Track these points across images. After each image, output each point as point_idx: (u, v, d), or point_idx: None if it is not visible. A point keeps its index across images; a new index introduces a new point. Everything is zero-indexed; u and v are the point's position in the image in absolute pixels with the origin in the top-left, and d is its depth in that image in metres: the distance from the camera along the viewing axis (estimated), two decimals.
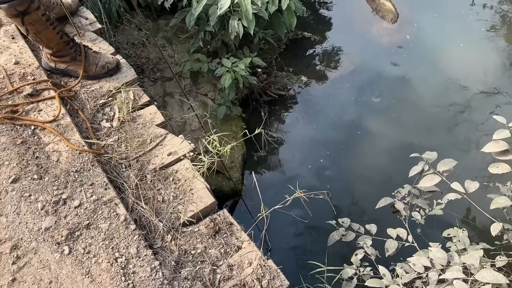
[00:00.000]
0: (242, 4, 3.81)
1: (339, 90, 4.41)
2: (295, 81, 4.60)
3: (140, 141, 1.99)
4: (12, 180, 1.76)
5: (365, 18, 4.87)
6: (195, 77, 4.29)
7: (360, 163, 3.72)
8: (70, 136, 1.91)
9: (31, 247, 1.61)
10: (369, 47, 4.63)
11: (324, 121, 4.16)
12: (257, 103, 4.47)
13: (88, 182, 1.78)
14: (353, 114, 4.12)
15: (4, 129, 1.92)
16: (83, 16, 2.48)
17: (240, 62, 4.00)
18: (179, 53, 4.58)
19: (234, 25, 3.88)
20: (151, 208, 1.77)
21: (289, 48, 4.83)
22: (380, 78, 4.36)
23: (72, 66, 2.15)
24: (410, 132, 3.89)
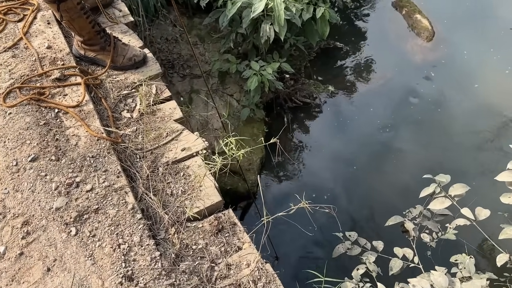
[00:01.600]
0: (276, 10, 3.84)
1: (365, 104, 4.37)
2: (321, 90, 4.59)
3: (156, 134, 2.04)
4: (31, 159, 1.85)
5: (400, 33, 4.82)
6: (223, 77, 4.35)
7: (377, 178, 3.69)
8: (90, 123, 1.98)
9: (41, 225, 1.68)
10: (401, 63, 4.58)
11: (346, 134, 4.14)
12: (281, 108, 4.49)
13: (102, 168, 1.84)
14: (376, 130, 4.08)
15: (30, 109, 2.01)
16: (117, 8, 2.57)
17: (268, 66, 4.03)
18: (210, 52, 4.66)
19: (266, 29, 3.92)
20: (159, 200, 1.81)
21: (320, 56, 4.83)
22: (409, 95, 4.30)
23: (101, 55, 2.23)
24: (431, 152, 3.83)
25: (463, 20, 4.82)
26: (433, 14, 4.83)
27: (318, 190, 3.76)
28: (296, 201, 1.94)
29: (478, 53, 4.50)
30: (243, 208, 3.85)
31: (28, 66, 2.18)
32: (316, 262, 2.94)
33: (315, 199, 3.71)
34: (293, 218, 1.89)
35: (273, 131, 4.32)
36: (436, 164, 3.71)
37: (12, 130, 1.94)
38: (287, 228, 2.05)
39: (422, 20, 4.69)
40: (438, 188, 1.91)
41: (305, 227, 2.43)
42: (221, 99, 4.37)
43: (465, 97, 4.19)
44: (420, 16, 4.73)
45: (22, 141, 1.90)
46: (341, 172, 3.84)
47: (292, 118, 4.42)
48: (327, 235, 3.03)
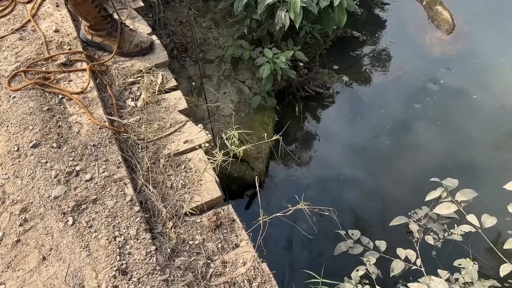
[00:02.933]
0: None
1: (379, 96, 4.26)
2: (336, 80, 4.48)
3: (160, 124, 2.00)
4: (32, 145, 1.83)
5: (419, 24, 4.65)
6: (236, 63, 4.27)
7: (387, 176, 3.60)
8: (94, 110, 1.95)
9: (39, 213, 1.67)
10: (419, 56, 4.42)
11: (358, 126, 4.04)
12: (293, 97, 4.40)
13: (103, 158, 1.81)
14: (390, 124, 3.97)
15: (34, 94, 1.98)
16: None
17: (282, 54, 3.94)
18: (224, 36, 4.57)
19: (281, 16, 3.81)
20: (159, 193, 1.78)
21: (336, 45, 4.70)
22: (425, 89, 4.16)
23: (108, 41, 2.18)
24: (446, 149, 3.71)
25: (486, 14, 4.61)
26: (455, 6, 4.63)
27: (325, 182, 3.69)
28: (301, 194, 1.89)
29: (499, 49, 4.31)
30: (249, 196, 3.82)
31: (34, 50, 2.14)
32: (316, 262, 2.90)
33: (321, 192, 3.66)
34: (295, 215, 1.84)
35: (284, 120, 4.25)
36: (450, 161, 3.60)
37: (16, 115, 1.92)
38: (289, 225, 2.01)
39: (442, 12, 4.51)
40: (444, 193, 1.84)
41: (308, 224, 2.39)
42: (233, 85, 4.30)
43: (483, 93, 4.04)
44: (441, 7, 4.55)
45: (25, 127, 1.88)
46: (351, 166, 3.76)
47: (303, 107, 4.33)
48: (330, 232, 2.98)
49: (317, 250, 3.08)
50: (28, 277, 1.54)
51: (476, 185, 2.29)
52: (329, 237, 2.92)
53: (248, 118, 4.13)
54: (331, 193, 3.61)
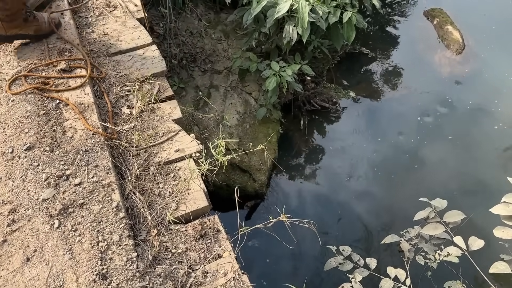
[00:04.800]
0: (300, 11, 3.76)
1: (385, 113, 4.24)
2: (342, 95, 4.48)
3: (153, 132, 2.03)
4: (26, 148, 1.87)
5: (429, 43, 4.63)
6: (243, 75, 4.31)
7: (387, 192, 3.56)
8: (89, 116, 1.99)
9: (27, 214, 1.70)
10: (428, 74, 4.39)
11: (362, 143, 4.02)
12: (299, 110, 4.41)
13: (93, 163, 1.84)
14: (396, 140, 3.94)
15: (32, 98, 2.04)
16: (132, 2, 2.57)
17: (288, 67, 3.97)
18: (233, 48, 4.62)
19: (288, 30, 3.84)
20: (146, 200, 1.80)
21: (344, 61, 4.71)
22: (432, 108, 4.12)
23: (24, 28, 2.15)
24: (450, 169, 3.66)
25: (496, 35, 4.56)
26: (466, 26, 4.60)
27: (325, 196, 3.68)
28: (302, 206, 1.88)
29: (510, 70, 4.26)
30: (249, 207, 3.82)
31: (36, 55, 2.20)
32: (301, 276, 2.87)
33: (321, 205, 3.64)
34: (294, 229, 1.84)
35: (289, 133, 4.26)
36: (454, 180, 3.55)
37: (13, 118, 1.97)
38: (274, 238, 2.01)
39: (453, 32, 4.48)
40: (432, 213, 1.81)
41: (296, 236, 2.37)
42: (239, 97, 4.33)
43: (492, 114, 3.98)
44: (452, 27, 4.52)
45: (21, 129, 1.93)
46: (352, 181, 3.73)
47: (309, 121, 4.33)
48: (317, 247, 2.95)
49: (304, 264, 3.05)
50: (11, 277, 1.57)
51: (483, 204, 2.25)
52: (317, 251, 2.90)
53: (253, 130, 4.15)
54: (330, 206, 3.59)
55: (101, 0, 2.55)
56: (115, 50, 2.30)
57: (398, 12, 5.06)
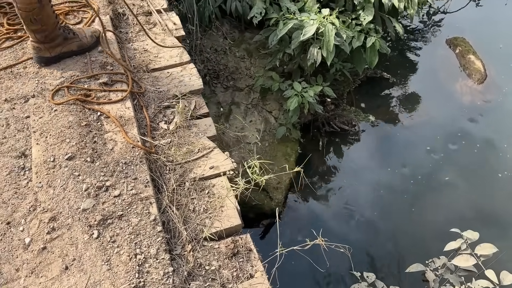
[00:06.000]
0: (326, 35, 3.83)
1: (404, 139, 4.26)
2: (362, 118, 4.52)
3: (189, 148, 2.07)
4: (68, 157, 1.92)
5: (450, 71, 4.67)
6: (264, 93, 4.37)
7: (407, 219, 3.56)
8: (129, 130, 2.04)
9: (67, 223, 1.74)
10: (448, 103, 4.43)
11: (381, 167, 4.03)
12: (318, 131, 4.45)
13: (132, 176, 1.89)
14: (413, 167, 3.95)
15: (74, 109, 2.10)
16: (171, 20, 2.64)
17: (310, 88, 4.02)
18: (256, 67, 4.69)
19: (313, 52, 3.91)
20: (181, 215, 1.83)
21: (364, 84, 4.76)
22: (452, 136, 4.14)
23: (66, 45, 2.23)
24: (468, 200, 3.66)
25: None
26: (488, 56, 4.65)
27: (343, 218, 3.68)
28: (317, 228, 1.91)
29: None
30: (265, 226, 3.83)
31: (79, 67, 2.27)
32: None
33: (338, 228, 3.64)
34: (311, 250, 1.86)
35: (307, 153, 4.28)
36: (473, 211, 3.54)
37: (55, 127, 2.03)
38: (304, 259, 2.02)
39: (475, 61, 4.53)
40: (464, 245, 1.82)
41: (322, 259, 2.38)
42: (260, 115, 4.39)
43: (501, 159, 3.97)
44: (474, 57, 4.57)
45: (62, 139, 1.98)
46: (370, 205, 3.74)
47: (327, 142, 4.36)
48: (344, 270, 2.95)
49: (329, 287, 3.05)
50: (49, 284, 1.60)
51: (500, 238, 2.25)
52: (344, 275, 2.90)
53: (272, 148, 4.19)
54: (348, 230, 3.59)
55: (141, 17, 2.63)
56: (154, 66, 2.37)
57: (420, 39, 5.12)
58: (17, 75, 2.25)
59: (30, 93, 2.16)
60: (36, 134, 2.01)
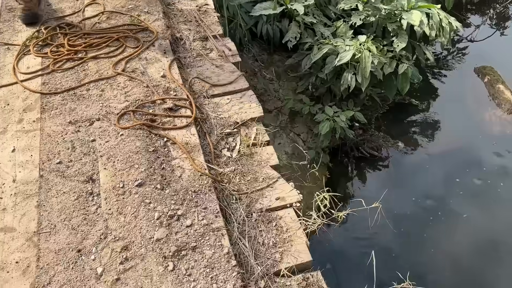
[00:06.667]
0: (362, 61, 3.84)
1: (433, 167, 4.20)
2: (391, 144, 4.49)
3: (253, 177, 2.04)
4: (137, 184, 1.88)
5: (479, 100, 4.67)
6: (293, 116, 4.36)
7: (435, 255, 3.47)
8: (195, 157, 2.01)
9: (140, 253, 1.69)
10: (477, 132, 4.40)
11: (410, 196, 3.96)
12: (346, 156, 4.42)
13: (202, 205, 1.85)
14: (441, 198, 3.86)
15: (141, 134, 2.07)
16: (227, 46, 2.64)
17: (342, 113, 4.02)
18: (284, 89, 4.69)
19: (347, 78, 3.92)
20: (251, 248, 1.79)
21: (392, 110, 4.73)
22: (482, 166, 4.10)
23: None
24: (494, 235, 3.58)
25: None
26: None
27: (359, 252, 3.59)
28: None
29: None
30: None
31: (142, 92, 2.25)
32: None
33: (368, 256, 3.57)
34: None
35: (334, 177, 4.24)
36: (498, 246, 3.49)
37: (123, 152, 2.00)
38: None
39: (504, 91, 4.54)
40: None
41: None
42: (288, 137, 4.37)
43: None
44: (503, 86, 4.58)
45: (131, 164, 1.95)
46: (398, 237, 3.65)
47: (356, 167, 4.33)
48: None
49: None
50: None
51: None
52: None
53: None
54: (382, 260, 3.52)
55: (198, 42, 2.62)
56: (214, 92, 2.35)
57: (447, 66, 5.13)
58: (80, 97, 2.23)
59: (94, 116, 2.13)
60: (103, 158, 1.97)
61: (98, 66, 2.37)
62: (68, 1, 2.80)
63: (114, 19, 2.65)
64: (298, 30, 4.27)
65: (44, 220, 1.79)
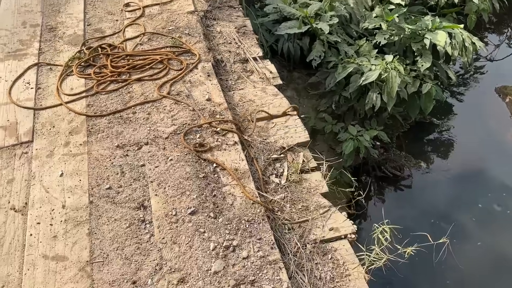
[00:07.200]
0: (389, 81, 3.79)
1: (456, 188, 4.13)
2: (413, 164, 4.43)
3: (303, 206, 1.98)
4: (190, 212, 1.81)
5: (500, 120, 4.61)
6: (314, 134, 4.29)
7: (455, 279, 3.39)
8: (246, 183, 1.94)
9: (198, 286, 1.62)
10: (500, 152, 4.33)
11: (432, 218, 3.87)
12: (367, 175, 4.36)
13: (257, 236, 1.78)
14: (466, 221, 3.78)
15: (190, 159, 2.00)
16: (267, 68, 2.60)
17: (366, 132, 3.96)
18: (304, 106, 4.63)
19: (372, 97, 3.87)
20: (309, 282, 1.72)
21: (413, 129, 4.68)
22: (506, 187, 4.04)
23: None
24: None
25: None
26: None
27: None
28: None
29: None
30: None
31: (189, 116, 2.19)
32: None
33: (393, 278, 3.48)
34: None
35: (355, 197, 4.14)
36: None
37: (173, 178, 1.93)
38: None
39: None
40: None
41: None
42: None
43: None
44: None
45: (182, 191, 1.88)
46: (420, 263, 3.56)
47: (378, 187, 4.27)
48: None
49: None
50: None
51: None
52: None
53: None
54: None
55: (238, 64, 2.57)
56: (258, 116, 2.29)
57: (468, 85, 5.07)
58: (126, 120, 2.17)
59: (142, 140, 2.07)
60: (154, 184, 1.91)
61: (143, 88, 2.32)
62: (108, 22, 2.76)
63: (156, 40, 2.60)
64: (322, 49, 4.22)
65: (96, 249, 1.72)
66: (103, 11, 2.81)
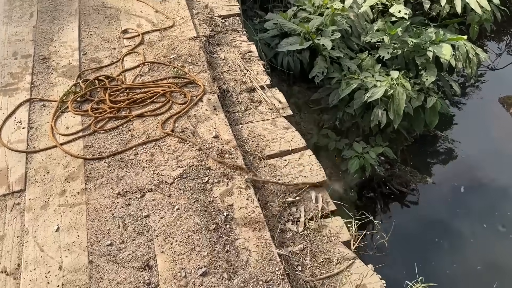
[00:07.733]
0: (396, 98, 3.63)
1: (464, 204, 3.97)
2: (419, 180, 4.26)
3: (325, 258, 1.77)
4: (201, 273, 1.59)
5: (505, 131, 4.45)
6: (318, 151, 4.11)
7: None
8: (260, 233, 1.74)
9: None
10: (506, 165, 4.19)
11: (440, 237, 3.70)
12: (373, 192, 4.18)
13: None
14: (477, 239, 3.64)
15: (198, 208, 1.79)
16: (276, 98, 2.39)
17: (372, 150, 3.80)
18: (305, 122, 4.45)
19: (378, 114, 3.71)
20: None
21: (417, 142, 4.51)
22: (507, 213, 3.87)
23: None
24: None
25: None
26: None
27: None
28: None
29: None
30: None
31: (195, 156, 1.98)
32: None
33: None
34: None
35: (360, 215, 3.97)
36: None
37: (180, 231, 1.71)
38: None
39: None
40: None
41: None
42: None
43: None
44: None
45: (191, 247, 1.67)
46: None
47: (384, 204, 4.09)
48: None
49: None
50: None
51: None
52: None
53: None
54: None
55: (245, 94, 2.36)
56: (269, 152, 2.08)
57: (471, 96, 4.92)
58: (127, 162, 1.94)
59: (146, 186, 1.85)
60: (159, 239, 1.69)
61: (145, 125, 2.10)
62: (105, 50, 2.53)
63: (157, 70, 2.38)
64: (324, 65, 4.04)
65: None
66: (100, 39, 2.57)
